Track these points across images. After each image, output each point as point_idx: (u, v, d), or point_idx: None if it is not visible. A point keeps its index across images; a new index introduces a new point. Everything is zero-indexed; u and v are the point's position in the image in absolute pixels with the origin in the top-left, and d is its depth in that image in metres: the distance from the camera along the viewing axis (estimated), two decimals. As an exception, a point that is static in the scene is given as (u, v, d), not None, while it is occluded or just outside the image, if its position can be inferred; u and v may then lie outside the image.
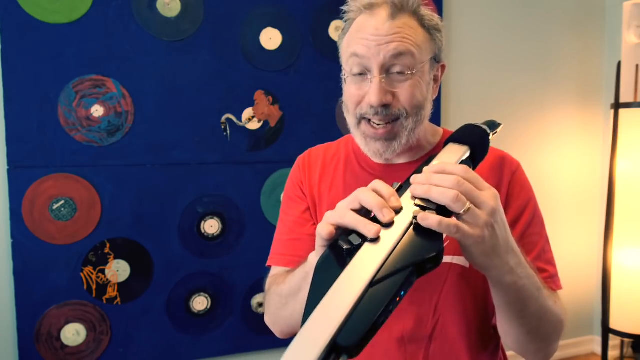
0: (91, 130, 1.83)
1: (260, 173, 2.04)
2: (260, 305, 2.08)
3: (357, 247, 0.51)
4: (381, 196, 0.55)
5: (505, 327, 0.72)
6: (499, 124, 0.72)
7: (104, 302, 1.88)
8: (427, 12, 0.78)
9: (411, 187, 0.57)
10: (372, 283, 0.47)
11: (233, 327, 2.05)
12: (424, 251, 0.50)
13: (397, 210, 0.54)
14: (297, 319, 0.47)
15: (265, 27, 2.02)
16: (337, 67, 0.95)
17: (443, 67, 0.84)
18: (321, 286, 0.48)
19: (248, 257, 2.03)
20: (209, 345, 2.02)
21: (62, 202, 1.81)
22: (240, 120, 2.01)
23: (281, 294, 0.78)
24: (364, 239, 0.52)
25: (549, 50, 2.54)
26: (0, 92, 1.74)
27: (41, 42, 1.76)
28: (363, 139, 0.81)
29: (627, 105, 2.29)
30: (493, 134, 0.70)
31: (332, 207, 0.62)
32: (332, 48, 2.05)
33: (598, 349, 2.68)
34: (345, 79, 0.83)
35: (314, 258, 0.62)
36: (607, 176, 2.39)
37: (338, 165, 0.90)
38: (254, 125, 2.03)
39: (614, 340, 2.55)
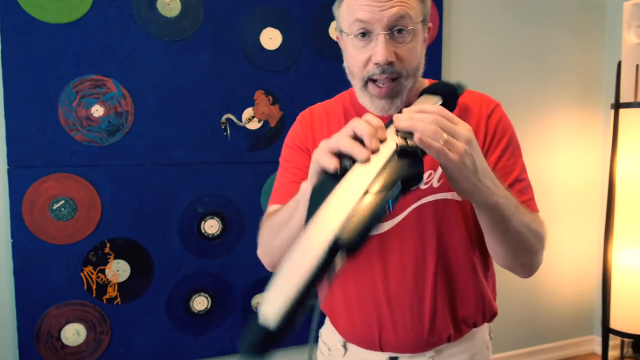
0: (91, 130, 1.83)
1: (260, 173, 2.04)
2: (260, 305, 2.08)
3: (349, 168, 0.60)
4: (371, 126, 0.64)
5: (494, 247, 0.81)
6: (465, 86, 0.86)
7: (104, 302, 1.88)
8: None
9: (395, 122, 0.65)
10: (366, 192, 0.56)
11: (233, 327, 2.05)
12: (407, 170, 0.60)
13: (382, 140, 0.63)
14: (287, 249, 0.54)
15: (265, 27, 2.02)
16: (337, 67, 0.95)
17: (429, 28, 0.92)
18: (319, 199, 0.57)
19: (248, 257, 2.03)
20: (209, 345, 2.02)
21: (62, 202, 1.81)
22: (240, 120, 2.01)
23: (273, 223, 0.84)
24: (354, 162, 0.61)
25: (549, 50, 2.54)
26: (0, 92, 1.74)
27: (41, 42, 1.76)
28: (369, 98, 0.88)
29: (627, 105, 2.29)
30: (459, 93, 0.83)
31: None
32: (332, 48, 2.05)
33: (598, 349, 2.68)
34: (344, 47, 0.90)
35: (306, 186, 0.68)
36: (607, 176, 2.39)
37: (340, 119, 0.98)
38: (254, 125, 2.03)
39: (614, 340, 2.55)
